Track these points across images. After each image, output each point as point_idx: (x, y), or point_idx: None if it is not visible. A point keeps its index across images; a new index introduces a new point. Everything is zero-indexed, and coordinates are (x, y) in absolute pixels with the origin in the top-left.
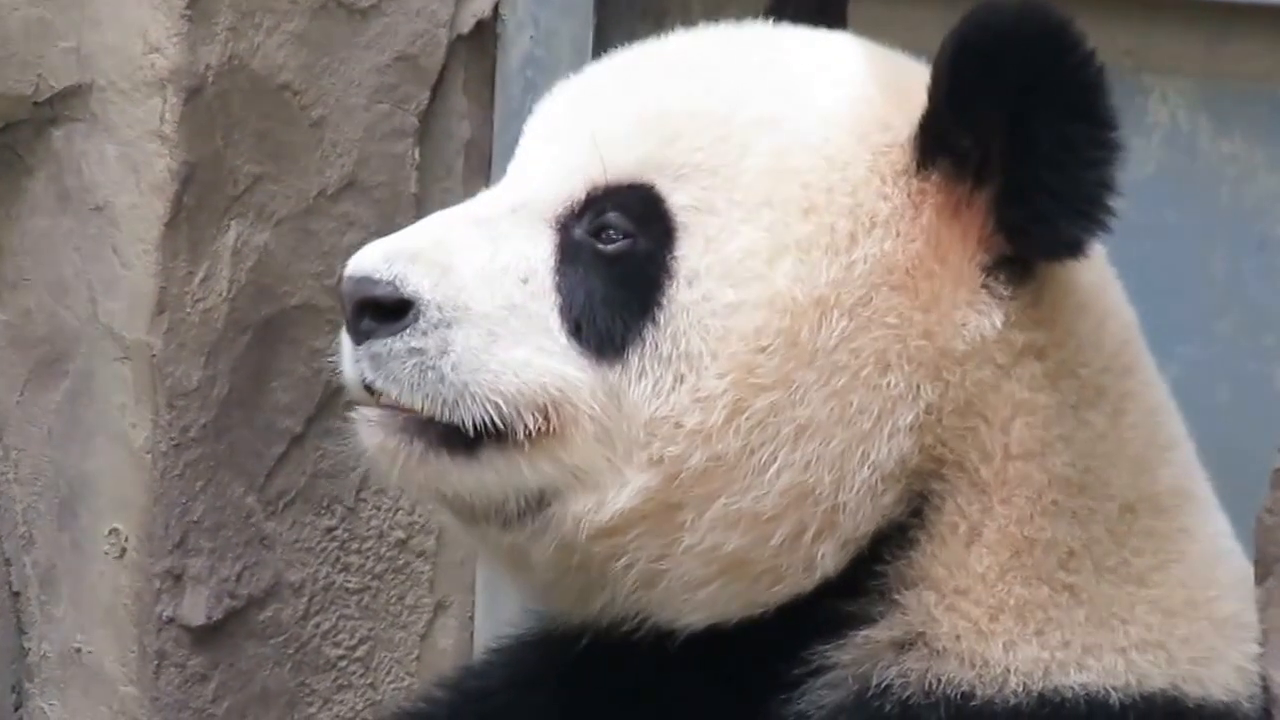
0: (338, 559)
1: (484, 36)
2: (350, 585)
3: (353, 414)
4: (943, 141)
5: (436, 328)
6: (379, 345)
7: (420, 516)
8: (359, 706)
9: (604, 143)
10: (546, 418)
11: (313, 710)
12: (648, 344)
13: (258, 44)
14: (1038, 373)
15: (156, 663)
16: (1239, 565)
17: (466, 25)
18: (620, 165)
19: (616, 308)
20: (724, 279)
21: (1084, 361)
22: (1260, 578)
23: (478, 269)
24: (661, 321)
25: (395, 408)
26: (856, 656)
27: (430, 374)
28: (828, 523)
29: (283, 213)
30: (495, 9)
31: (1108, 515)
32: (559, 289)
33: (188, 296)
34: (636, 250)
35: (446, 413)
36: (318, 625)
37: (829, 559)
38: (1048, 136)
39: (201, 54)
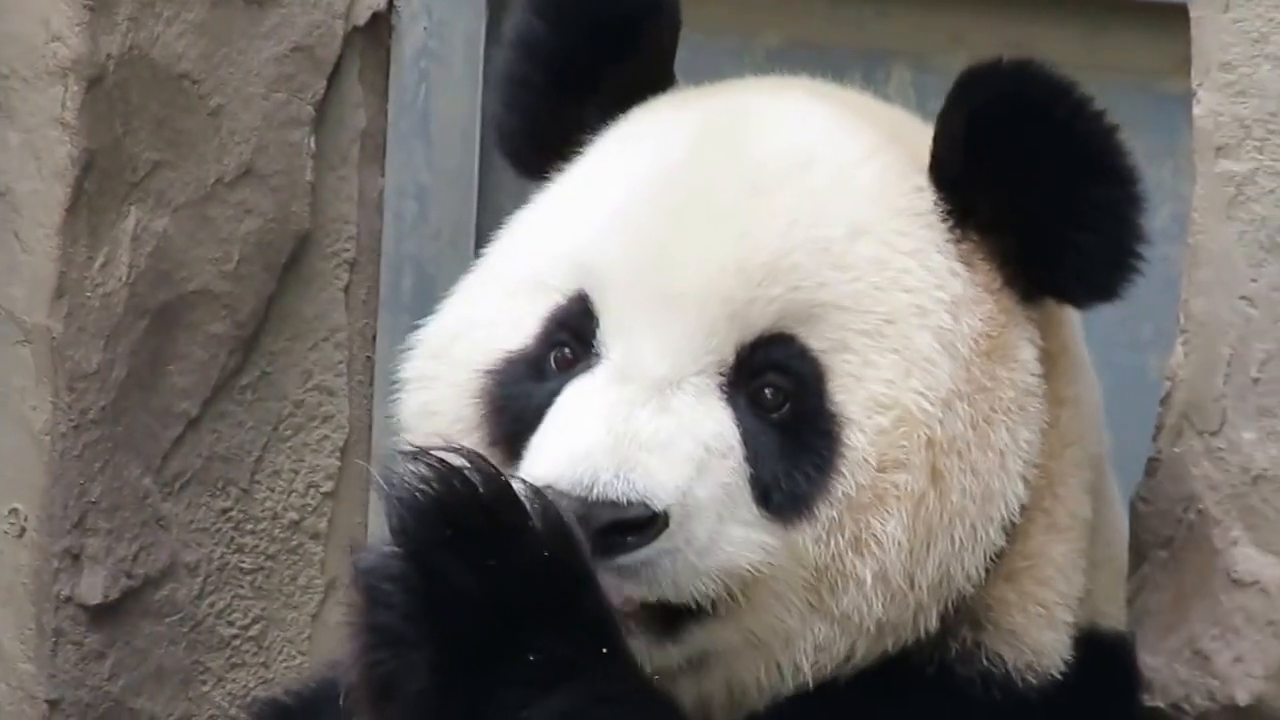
0: (232, 540)
1: (379, 28)
2: (244, 565)
3: None
4: (968, 205)
5: (681, 525)
6: (628, 558)
7: (313, 499)
8: (252, 685)
9: (736, 299)
10: (744, 590)
11: (206, 688)
12: (830, 498)
13: (158, 34)
14: (1068, 366)
15: (54, 640)
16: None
17: (362, 17)
18: (758, 321)
19: (799, 469)
20: (877, 411)
21: (1078, 340)
22: (1134, 565)
23: (690, 456)
24: (843, 470)
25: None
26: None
27: (680, 565)
28: (951, 585)
29: (181, 199)
30: (390, 1)
31: (1093, 483)
32: (748, 460)
33: (87, 281)
34: (802, 409)
35: (683, 596)
36: (212, 605)
37: (937, 610)
38: (1072, 201)
39: (102, 43)
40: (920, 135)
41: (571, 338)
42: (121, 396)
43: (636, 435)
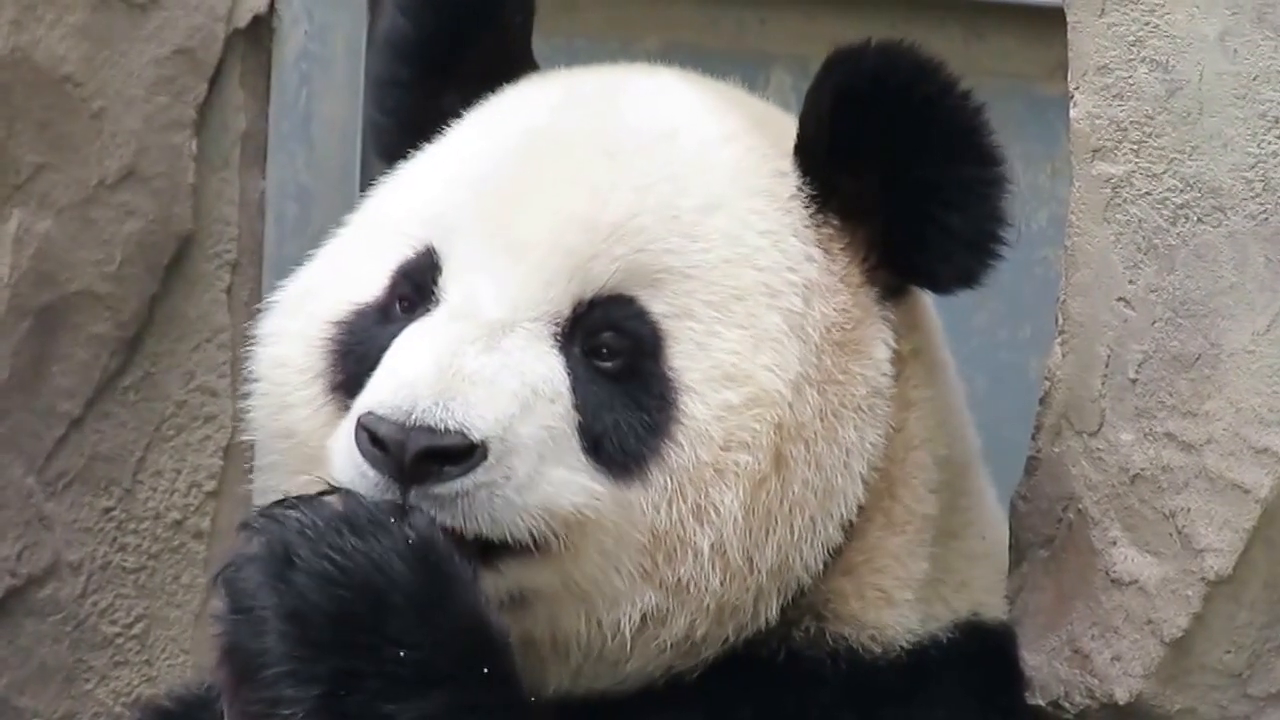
0: (115, 539)
1: (260, 31)
2: (127, 565)
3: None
4: (831, 188)
5: (501, 460)
6: (443, 488)
7: (195, 499)
8: (135, 683)
9: (579, 253)
10: (566, 534)
11: (90, 686)
12: (668, 465)
13: (40, 36)
14: (920, 370)
15: None
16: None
17: (243, 20)
18: (598, 277)
19: (631, 427)
20: (725, 384)
21: (934, 344)
22: (1015, 563)
23: (515, 393)
24: (681, 440)
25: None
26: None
27: (497, 500)
28: (790, 574)
29: (64, 201)
30: (271, 4)
31: (950, 482)
32: (578, 409)
33: None
34: (637, 368)
35: (499, 531)
36: (95, 603)
37: (778, 600)
38: (938, 179)
39: None
40: (786, 125)
41: (414, 287)
42: (4, 397)
43: (462, 369)
